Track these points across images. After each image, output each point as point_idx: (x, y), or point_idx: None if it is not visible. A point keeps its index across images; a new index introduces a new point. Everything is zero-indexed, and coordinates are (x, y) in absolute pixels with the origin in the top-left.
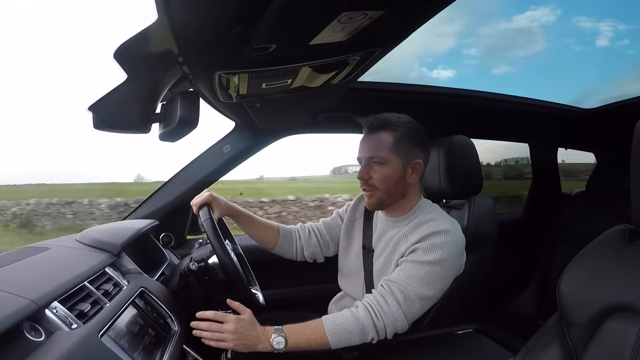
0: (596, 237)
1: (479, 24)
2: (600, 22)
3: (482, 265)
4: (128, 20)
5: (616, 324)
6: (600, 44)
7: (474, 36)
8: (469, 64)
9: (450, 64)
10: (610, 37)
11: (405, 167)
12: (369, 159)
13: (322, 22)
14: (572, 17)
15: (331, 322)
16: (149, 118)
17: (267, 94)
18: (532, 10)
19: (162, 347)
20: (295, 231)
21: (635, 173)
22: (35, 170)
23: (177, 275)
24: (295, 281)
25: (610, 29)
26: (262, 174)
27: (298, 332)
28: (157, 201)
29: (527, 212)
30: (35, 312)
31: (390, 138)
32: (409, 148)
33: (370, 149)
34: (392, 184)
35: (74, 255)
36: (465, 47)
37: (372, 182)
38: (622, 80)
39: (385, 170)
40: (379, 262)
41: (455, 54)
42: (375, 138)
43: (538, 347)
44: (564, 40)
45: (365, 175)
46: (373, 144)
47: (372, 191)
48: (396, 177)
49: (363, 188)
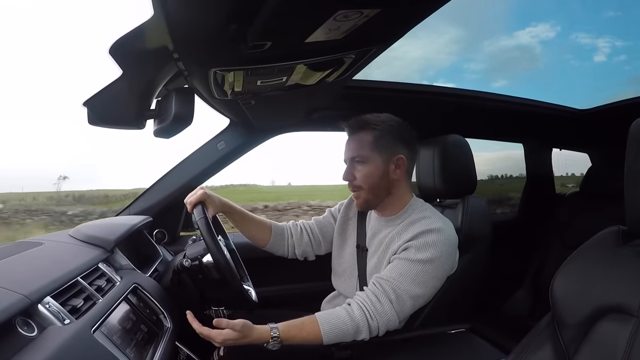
0: (590, 238)
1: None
2: (598, 38)
3: (476, 265)
4: (124, 16)
5: (609, 325)
6: (597, 59)
7: (475, 51)
8: (469, 78)
9: (451, 77)
10: (608, 53)
11: (387, 164)
12: (352, 159)
13: (318, 20)
14: (571, 33)
15: (326, 321)
16: (143, 114)
17: (262, 91)
18: (533, 27)
19: (154, 343)
20: (287, 229)
21: (629, 174)
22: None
23: (170, 271)
24: (288, 279)
25: (607, 45)
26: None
27: (293, 331)
28: (151, 197)
29: (521, 212)
30: (28, 307)
31: (370, 137)
32: (389, 144)
33: (352, 150)
34: (375, 181)
35: (67, 250)
36: (466, 61)
37: (357, 183)
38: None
39: (367, 169)
40: (372, 262)
41: (456, 68)
42: (356, 138)
43: (530, 347)
44: (562, 56)
45: (349, 176)
46: (354, 144)
47: (358, 191)
48: (379, 174)
49: (350, 189)
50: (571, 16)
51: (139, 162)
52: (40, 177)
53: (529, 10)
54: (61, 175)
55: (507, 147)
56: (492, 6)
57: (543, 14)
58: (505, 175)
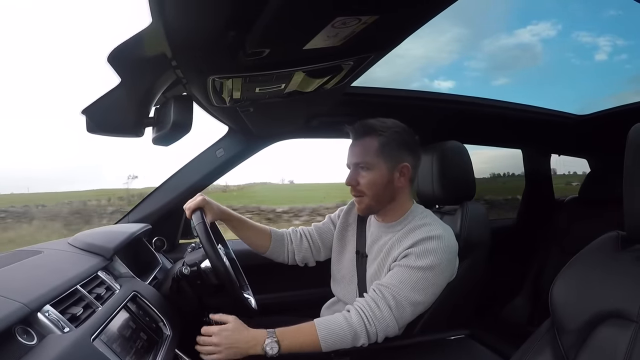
0: (589, 244)
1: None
2: (599, 37)
3: (475, 271)
4: (122, 24)
5: (608, 331)
6: (598, 58)
7: (476, 49)
8: (470, 76)
9: (451, 75)
10: (609, 52)
11: (392, 171)
12: (357, 165)
13: (316, 27)
14: (572, 32)
15: (325, 327)
16: (142, 122)
17: (261, 99)
18: (534, 25)
19: (154, 351)
20: (287, 235)
21: (628, 179)
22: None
23: (170, 279)
24: (287, 285)
25: (608, 43)
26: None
27: (291, 337)
28: (150, 205)
29: (520, 218)
30: (28, 315)
31: (375, 143)
32: (395, 152)
33: (357, 155)
34: (379, 188)
35: (66, 258)
36: (467, 59)
37: (360, 188)
38: (621, 94)
39: (371, 175)
40: (372, 268)
41: (456, 66)
42: (361, 144)
43: (530, 353)
44: (563, 54)
45: (353, 181)
46: (359, 149)
47: (361, 197)
48: (383, 181)
49: (352, 194)
50: (572, 15)
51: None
52: (46, 179)
53: (530, 8)
54: (131, 175)
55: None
56: (494, 5)
57: (544, 12)
58: (507, 173)
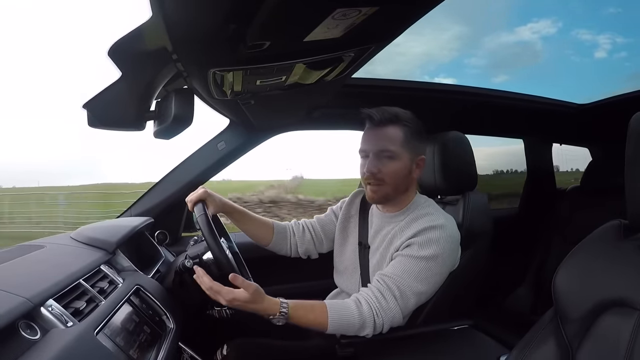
0: (591, 233)
1: (481, 35)
2: (599, 34)
3: (477, 261)
4: (122, 18)
5: (611, 319)
6: (598, 55)
7: (477, 47)
8: (470, 73)
9: (452, 72)
10: (609, 50)
11: (412, 163)
12: (379, 152)
13: (317, 19)
14: (572, 29)
15: (335, 311)
16: (143, 115)
17: (262, 91)
18: (534, 23)
19: (157, 344)
20: (289, 228)
21: (629, 168)
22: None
23: (173, 272)
24: (290, 278)
25: (608, 41)
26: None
27: (302, 314)
28: (152, 199)
29: (522, 208)
30: (31, 310)
31: (401, 133)
32: (417, 143)
33: (380, 143)
34: (400, 179)
35: (69, 253)
36: (468, 57)
37: (381, 176)
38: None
39: (395, 165)
40: (375, 259)
41: (456, 63)
42: (384, 132)
43: (533, 342)
44: (563, 52)
45: (374, 168)
46: (383, 137)
47: (380, 185)
48: (405, 172)
49: (368, 182)
50: (572, 12)
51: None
52: (54, 173)
53: (531, 6)
54: (288, 168)
55: (507, 142)
56: (495, 2)
57: (544, 10)
58: (510, 170)
